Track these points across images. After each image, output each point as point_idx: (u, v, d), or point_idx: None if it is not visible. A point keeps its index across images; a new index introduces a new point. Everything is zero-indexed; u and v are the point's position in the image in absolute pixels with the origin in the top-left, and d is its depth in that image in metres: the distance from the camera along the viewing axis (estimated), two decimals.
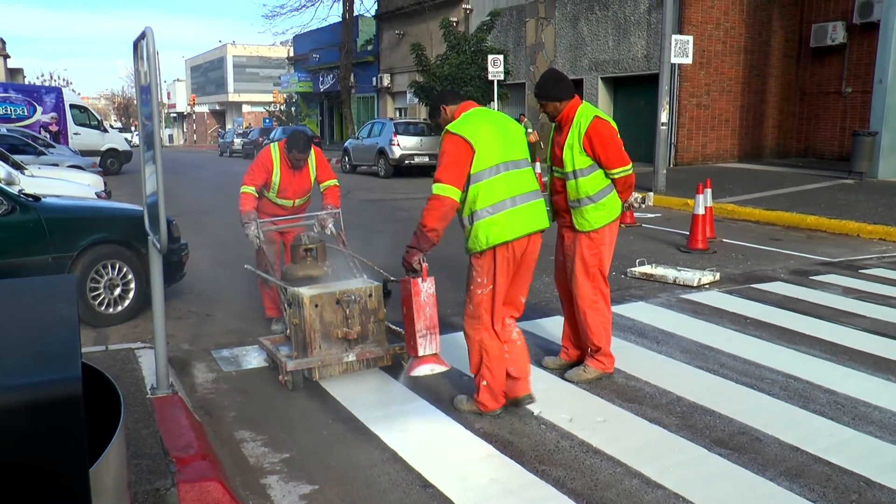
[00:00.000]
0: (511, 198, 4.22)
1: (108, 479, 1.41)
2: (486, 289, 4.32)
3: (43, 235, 6.09)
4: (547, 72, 4.99)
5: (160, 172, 3.93)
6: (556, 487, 3.58)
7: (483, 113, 4.39)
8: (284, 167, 6.13)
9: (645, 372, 5.10)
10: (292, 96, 48.57)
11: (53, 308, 1.57)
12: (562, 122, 4.85)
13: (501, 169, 4.21)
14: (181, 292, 7.47)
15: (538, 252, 4.48)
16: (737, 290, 7.42)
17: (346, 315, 4.95)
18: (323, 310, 4.90)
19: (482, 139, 4.16)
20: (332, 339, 4.93)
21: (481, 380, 4.40)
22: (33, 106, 25.18)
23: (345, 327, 4.95)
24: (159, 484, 3.29)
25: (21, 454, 1.22)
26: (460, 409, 4.53)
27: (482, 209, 4.18)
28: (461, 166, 4.13)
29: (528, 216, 4.28)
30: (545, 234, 4.44)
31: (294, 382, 4.87)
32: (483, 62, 21.67)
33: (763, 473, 3.67)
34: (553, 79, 4.86)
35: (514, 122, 4.52)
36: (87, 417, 1.29)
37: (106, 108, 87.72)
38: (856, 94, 19.60)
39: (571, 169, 4.81)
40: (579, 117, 4.76)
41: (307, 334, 4.86)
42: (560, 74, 4.97)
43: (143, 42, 3.89)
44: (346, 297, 4.95)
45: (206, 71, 69.18)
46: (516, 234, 4.22)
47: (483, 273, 4.32)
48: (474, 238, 4.28)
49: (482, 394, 4.41)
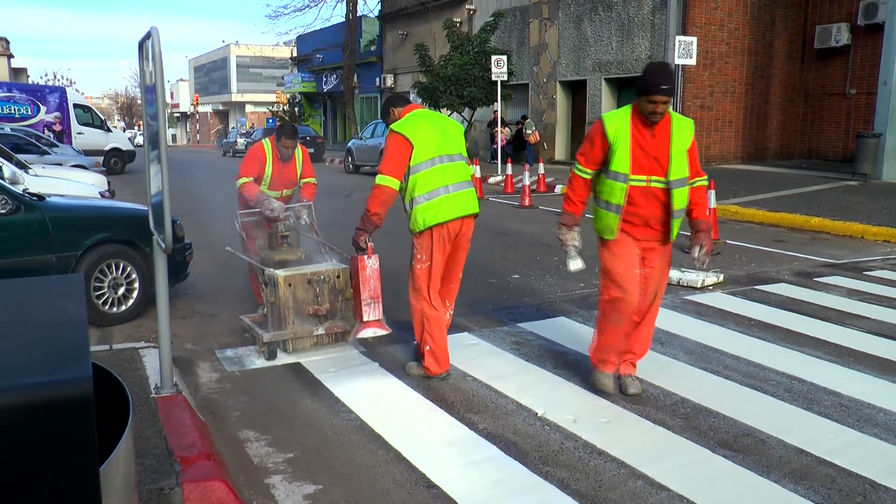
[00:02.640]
0: (445, 186, 4.87)
1: (117, 479, 1.41)
2: (425, 264, 4.95)
3: (47, 235, 6.10)
4: (661, 64, 4.60)
5: (165, 172, 3.93)
6: (560, 488, 3.58)
7: (423, 114, 5.07)
8: (275, 159, 6.53)
9: (649, 373, 5.09)
10: (295, 96, 48.58)
11: (62, 308, 1.57)
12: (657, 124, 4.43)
13: (437, 161, 4.88)
14: (185, 292, 7.47)
15: (471, 233, 5.10)
16: (741, 292, 7.41)
17: (317, 294, 5.58)
18: (296, 289, 5.51)
19: (420, 136, 4.84)
20: (303, 314, 5.56)
21: (425, 345, 5.03)
22: (37, 105, 25.23)
23: (315, 304, 5.57)
24: (163, 483, 3.29)
25: (31, 454, 1.22)
26: (411, 373, 5.13)
27: (420, 196, 4.84)
28: (400, 160, 4.84)
29: (460, 202, 4.93)
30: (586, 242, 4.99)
31: (269, 353, 5.47)
32: (486, 63, 21.66)
33: (768, 475, 3.66)
34: (671, 72, 4.42)
35: (453, 122, 5.23)
36: (96, 416, 1.29)
37: (109, 108, 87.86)
38: (860, 96, 19.57)
39: (682, 176, 4.45)
40: (678, 120, 4.47)
41: (281, 310, 5.47)
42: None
43: (149, 42, 3.89)
44: (317, 278, 5.58)
45: (209, 71, 69.22)
46: (448, 217, 4.87)
47: (422, 250, 4.95)
48: (414, 220, 4.91)
49: (427, 358, 5.03)
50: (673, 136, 4.37)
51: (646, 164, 4.38)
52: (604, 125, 4.47)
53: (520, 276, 8.24)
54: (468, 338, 5.99)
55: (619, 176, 4.40)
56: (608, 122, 4.47)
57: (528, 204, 14.59)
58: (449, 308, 5.26)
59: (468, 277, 8.05)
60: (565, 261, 4.93)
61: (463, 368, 5.27)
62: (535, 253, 9.47)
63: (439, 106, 23.28)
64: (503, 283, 7.92)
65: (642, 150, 4.37)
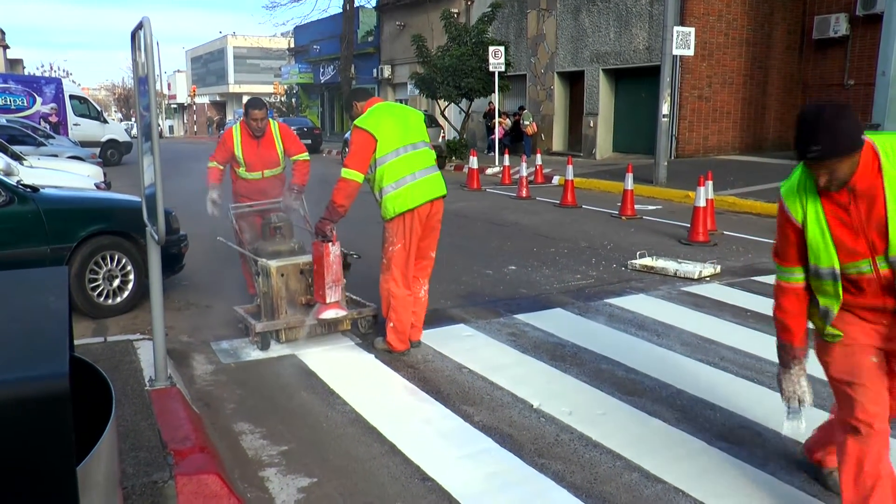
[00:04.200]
0: (411, 174, 5.14)
1: (98, 476, 1.39)
2: (396, 247, 5.23)
3: (41, 226, 6.07)
4: (812, 111, 2.74)
5: (158, 163, 3.90)
6: (555, 481, 3.57)
7: (385, 107, 5.31)
8: (246, 138, 6.57)
9: (645, 365, 5.09)
10: (293, 87, 48.43)
11: (43, 301, 1.54)
12: (854, 186, 2.79)
13: (401, 152, 5.14)
14: (180, 284, 7.45)
15: (441, 213, 5.36)
16: (738, 283, 7.40)
17: (309, 284, 5.60)
18: (288, 279, 5.58)
19: (383, 130, 5.10)
20: (296, 304, 5.63)
21: (389, 322, 5.34)
22: (33, 97, 25.13)
23: (308, 294, 5.61)
24: (157, 476, 3.28)
25: (6, 451, 1.19)
26: (377, 347, 5.42)
27: (388, 185, 5.10)
28: (365, 154, 5.10)
29: (427, 187, 5.19)
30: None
31: (263, 343, 5.50)
32: (484, 54, 21.59)
33: (764, 467, 3.65)
34: (823, 124, 2.69)
35: (414, 111, 5.48)
36: (80, 411, 1.27)
37: (106, 100, 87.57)
38: (858, 87, 19.51)
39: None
40: (891, 165, 2.77)
41: (274, 300, 5.54)
42: (845, 109, 2.74)
43: (141, 32, 3.86)
44: (309, 268, 5.59)
45: (206, 62, 68.95)
46: (417, 203, 5.13)
47: (392, 234, 5.22)
48: (384, 209, 5.16)
49: (390, 334, 5.35)
50: (889, 194, 2.75)
51: (855, 244, 2.86)
52: (784, 204, 3.01)
53: (516, 267, 8.22)
54: (464, 329, 5.98)
55: (822, 272, 2.95)
56: (787, 197, 2.99)
57: (525, 195, 14.56)
58: (424, 284, 5.52)
59: (465, 269, 8.05)
60: (783, 419, 3.31)
61: (458, 360, 5.25)
62: (531, 244, 9.45)
63: (437, 97, 23.21)
64: (500, 274, 7.90)
65: (845, 227, 2.86)
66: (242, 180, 6.72)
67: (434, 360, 5.28)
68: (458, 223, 11.19)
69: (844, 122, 2.65)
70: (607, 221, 11.57)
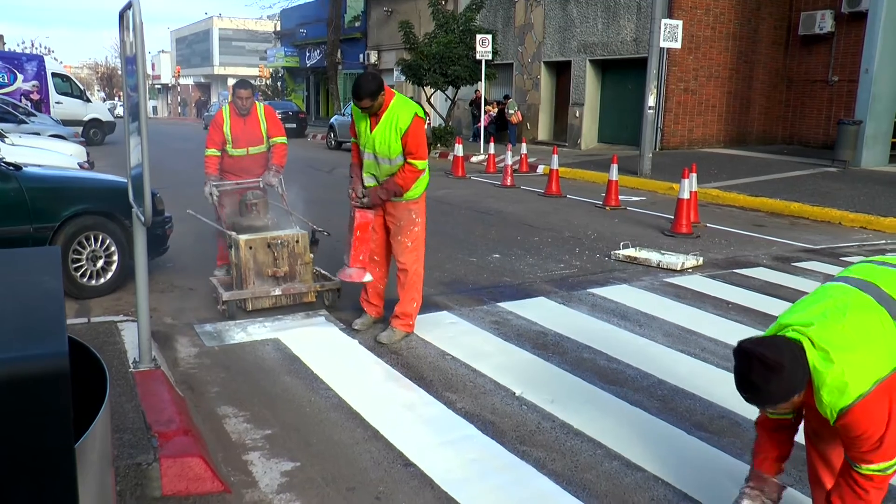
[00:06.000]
0: None
1: (93, 455, 1.40)
2: (420, 225, 5.42)
3: (24, 205, 6.02)
4: (750, 368, 2.51)
5: (146, 144, 3.89)
6: (536, 468, 3.60)
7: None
8: (234, 116, 6.85)
9: (627, 355, 5.13)
10: (278, 71, 48.08)
11: (38, 281, 1.55)
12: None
13: None
14: (165, 265, 7.42)
15: None
16: (720, 275, 7.47)
17: (276, 257, 5.99)
18: (256, 252, 5.93)
19: None
20: (263, 276, 5.97)
21: (414, 302, 5.46)
22: (14, 73, 24.77)
23: (274, 267, 5.98)
24: (141, 459, 3.28)
25: (5, 430, 1.20)
26: (393, 340, 5.37)
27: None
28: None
29: None
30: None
31: (230, 311, 5.83)
32: (471, 42, 21.52)
33: (741, 457, 3.71)
34: (771, 377, 2.48)
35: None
36: (73, 391, 1.27)
37: (89, 78, 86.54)
38: (842, 83, 19.66)
39: None
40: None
41: (242, 272, 5.91)
42: (775, 369, 2.47)
43: (130, 12, 3.83)
44: (276, 242, 5.98)
45: (191, 43, 68.30)
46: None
47: (418, 213, 5.39)
48: (417, 188, 5.30)
49: (414, 316, 5.50)
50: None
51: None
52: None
53: (500, 255, 8.25)
54: (447, 316, 6.00)
55: None
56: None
57: (510, 184, 14.59)
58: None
59: (449, 257, 8.07)
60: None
61: (442, 347, 5.28)
62: (516, 233, 9.48)
63: (423, 84, 23.14)
64: (483, 262, 7.93)
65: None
66: (229, 157, 6.93)
67: (417, 347, 5.31)
68: (443, 210, 11.20)
69: (774, 381, 2.46)
70: (591, 212, 11.62)
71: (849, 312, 2.57)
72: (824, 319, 2.56)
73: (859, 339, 2.51)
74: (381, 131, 5.13)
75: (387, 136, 5.12)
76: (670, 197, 12.47)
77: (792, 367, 2.46)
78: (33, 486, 1.22)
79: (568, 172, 16.10)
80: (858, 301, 2.61)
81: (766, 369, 2.45)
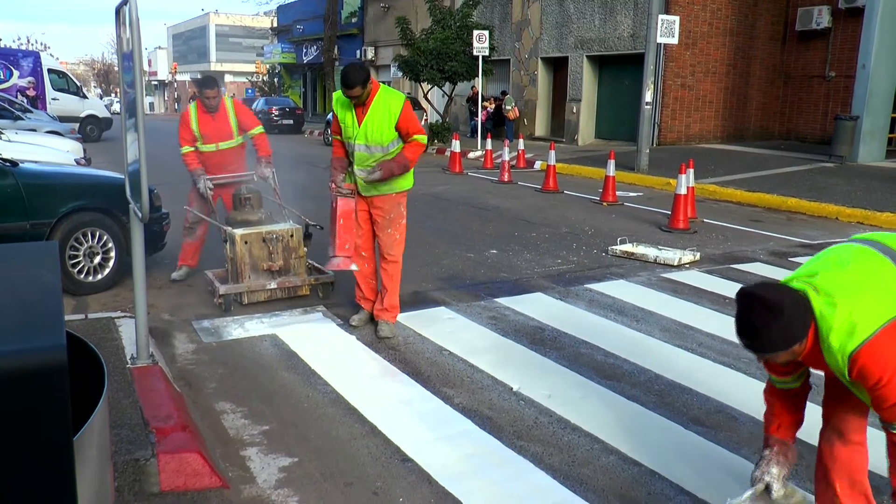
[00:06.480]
0: None
1: (91, 449, 1.41)
2: (405, 219, 5.50)
3: (21, 201, 6.01)
4: (750, 310, 2.50)
5: (143, 140, 3.88)
6: (533, 463, 3.61)
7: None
8: (201, 113, 6.79)
9: (624, 349, 5.14)
10: (275, 67, 48.03)
11: (36, 275, 1.55)
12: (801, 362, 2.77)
13: None
14: (162, 262, 7.41)
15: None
16: (717, 270, 7.48)
17: (271, 251, 6.11)
18: (251, 246, 6.05)
19: None
20: (258, 270, 6.10)
21: (397, 295, 5.54)
22: (10, 70, 24.70)
23: (269, 261, 6.10)
24: (139, 454, 3.29)
25: (3, 423, 1.21)
26: (394, 332, 5.43)
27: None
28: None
29: None
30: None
31: (226, 304, 5.93)
32: (468, 37, 21.52)
33: (738, 451, 3.72)
34: (772, 321, 2.47)
35: None
36: (70, 386, 1.28)
37: (85, 74, 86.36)
38: (839, 79, 19.66)
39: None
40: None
41: (238, 266, 6.01)
42: (774, 311, 2.47)
43: (126, 8, 3.82)
44: (271, 236, 6.10)
45: (188, 39, 68.18)
46: None
47: (404, 206, 5.49)
48: (408, 178, 5.43)
49: (398, 307, 5.61)
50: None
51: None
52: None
53: (497, 251, 8.25)
54: (445, 312, 6.01)
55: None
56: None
57: (507, 179, 14.58)
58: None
59: (446, 252, 8.08)
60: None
61: (439, 342, 5.29)
62: (513, 228, 9.49)
63: (420, 80, 23.13)
64: (481, 257, 7.94)
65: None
66: (199, 153, 6.88)
67: (415, 343, 5.31)
68: (440, 206, 11.20)
69: (774, 325, 2.44)
70: (589, 207, 11.63)
71: (853, 262, 2.62)
72: (827, 269, 2.59)
73: (864, 283, 2.53)
74: (374, 119, 5.16)
75: (381, 123, 5.16)
76: (667, 192, 12.48)
77: (792, 311, 2.45)
78: (32, 478, 1.23)
79: (565, 168, 16.10)
80: (862, 253, 2.65)
81: (766, 311, 2.44)
